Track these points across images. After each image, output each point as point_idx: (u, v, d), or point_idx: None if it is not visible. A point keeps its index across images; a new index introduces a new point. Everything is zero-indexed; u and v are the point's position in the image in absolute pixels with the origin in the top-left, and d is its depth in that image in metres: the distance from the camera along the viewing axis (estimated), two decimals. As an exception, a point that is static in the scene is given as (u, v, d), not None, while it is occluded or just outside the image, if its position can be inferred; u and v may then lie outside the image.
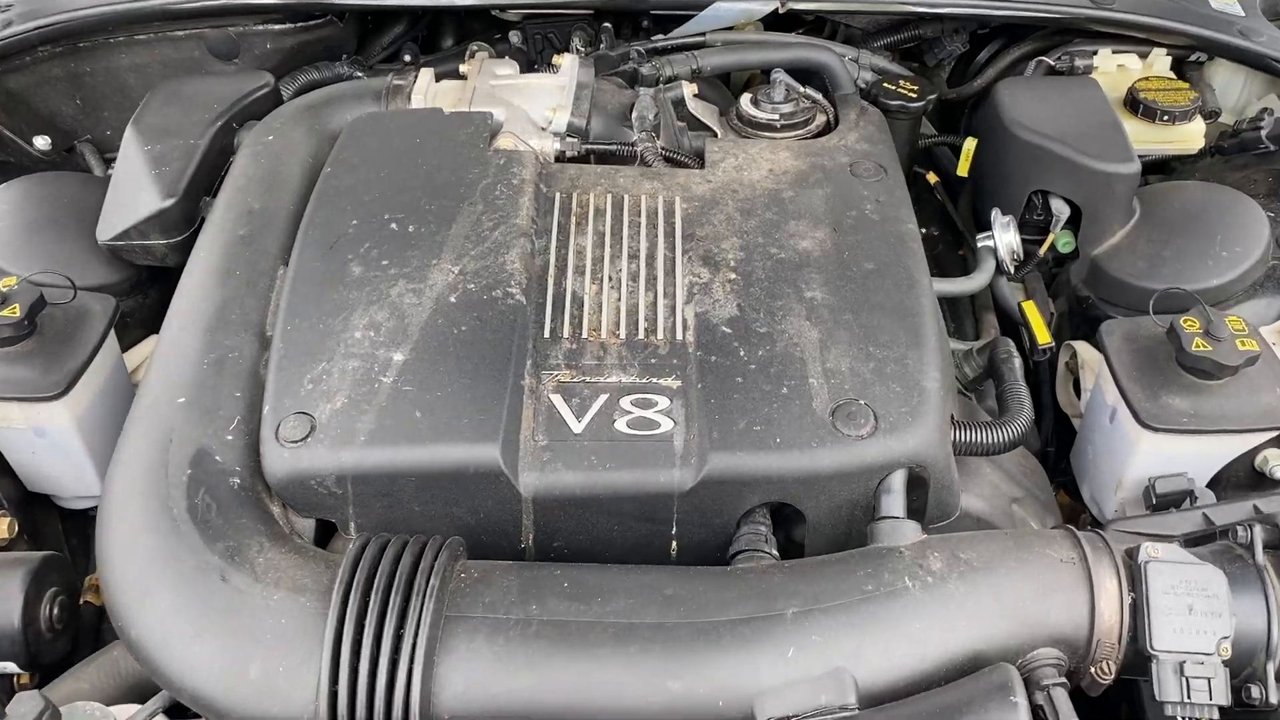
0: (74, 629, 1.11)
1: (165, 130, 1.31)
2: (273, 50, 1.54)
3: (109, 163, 1.46)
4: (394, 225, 1.14)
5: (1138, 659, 0.93)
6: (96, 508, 1.18)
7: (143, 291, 1.32)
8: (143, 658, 0.91)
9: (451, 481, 0.98)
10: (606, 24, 1.62)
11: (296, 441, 0.98)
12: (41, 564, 1.04)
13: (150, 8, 1.44)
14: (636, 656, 0.87)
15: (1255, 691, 0.93)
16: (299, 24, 1.53)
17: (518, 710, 0.86)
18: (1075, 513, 1.34)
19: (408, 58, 1.63)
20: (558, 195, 1.19)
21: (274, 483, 0.98)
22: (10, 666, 1.04)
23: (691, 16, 1.50)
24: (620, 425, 1.00)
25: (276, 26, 1.51)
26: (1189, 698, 0.90)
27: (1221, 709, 0.90)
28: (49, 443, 1.14)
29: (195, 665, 0.88)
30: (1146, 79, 1.49)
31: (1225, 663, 0.91)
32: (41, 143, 1.49)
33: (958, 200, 1.57)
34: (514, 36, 1.64)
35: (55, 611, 1.05)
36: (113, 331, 1.18)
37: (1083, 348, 1.29)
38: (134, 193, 1.24)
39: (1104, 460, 1.20)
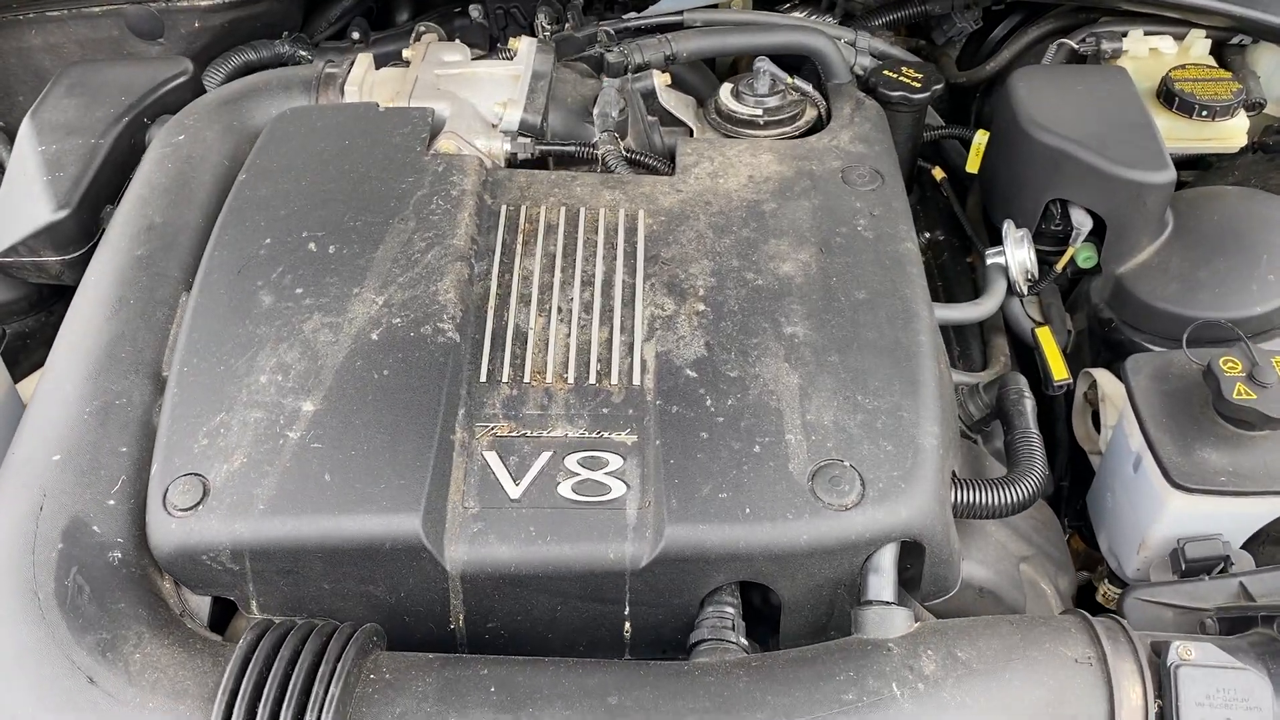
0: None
1: (65, 126, 1.16)
2: (201, 29, 1.37)
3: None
4: (313, 245, 0.99)
5: (1165, 780, 0.79)
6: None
7: (45, 309, 1.18)
8: (-4, 772, 0.78)
9: (366, 557, 0.84)
10: (575, -3, 1.46)
11: (187, 509, 0.84)
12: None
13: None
14: (570, 789, 0.73)
15: (1303, 817, 0.80)
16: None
17: None
18: (1092, 560, 1.20)
19: (356, 35, 1.46)
20: (504, 208, 1.04)
21: (161, 557, 0.85)
22: None
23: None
24: (565, 489, 0.86)
25: (204, 2, 1.35)
26: (1226, 831, 0.77)
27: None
28: (-75, 490, 1.00)
29: (54, 787, 0.75)
30: (1183, 67, 1.31)
31: (1268, 787, 0.78)
32: (-53, 131, 1.35)
33: (966, 198, 1.41)
34: (474, 11, 1.48)
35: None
36: (-1, 360, 1.04)
37: (1104, 378, 1.14)
38: (24, 202, 1.10)
39: (1126, 513, 1.06)
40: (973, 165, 1.35)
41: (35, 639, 0.79)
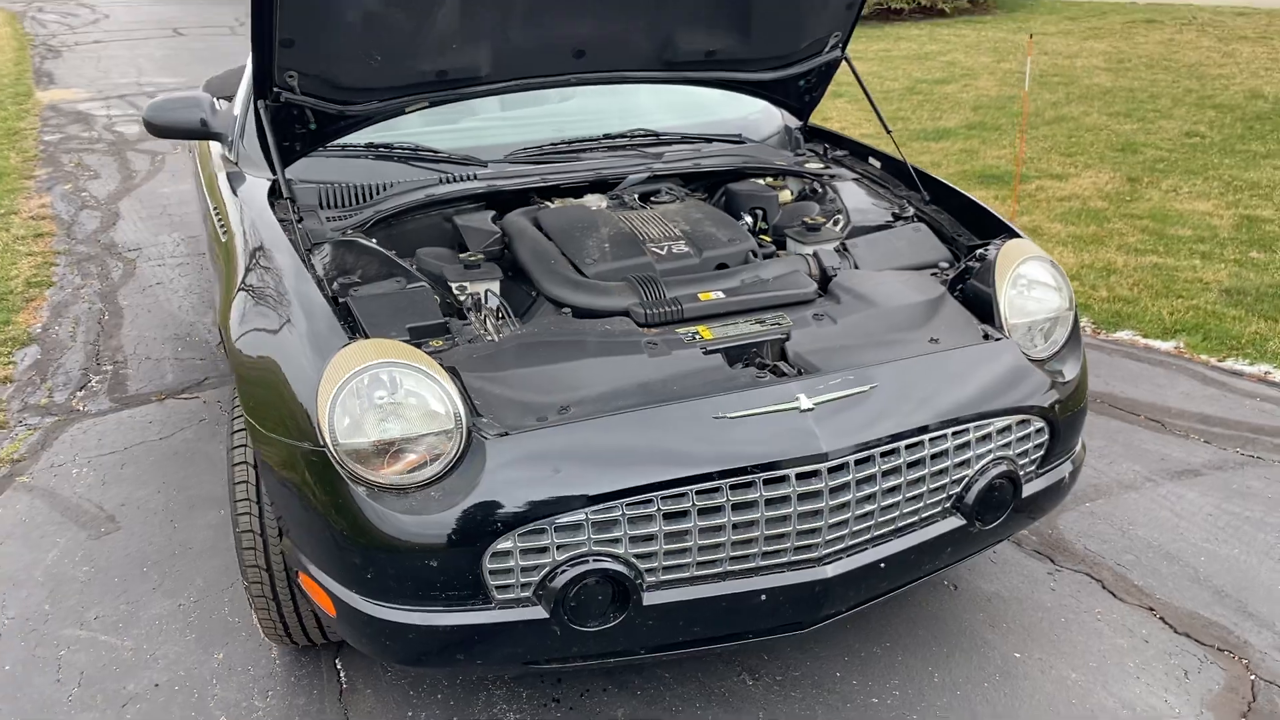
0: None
1: (474, 222, 3.70)
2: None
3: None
4: (577, 232, 3.61)
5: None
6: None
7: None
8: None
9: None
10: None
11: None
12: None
13: (428, 200, 3.81)
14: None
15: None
16: (479, 204, 3.94)
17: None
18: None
19: (511, 213, 4.08)
20: (619, 213, 3.73)
21: None
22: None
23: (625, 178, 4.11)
24: (675, 248, 3.52)
25: (471, 204, 3.92)
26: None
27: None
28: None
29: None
30: (769, 180, 4.32)
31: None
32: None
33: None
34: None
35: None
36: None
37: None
38: (479, 234, 3.62)
39: (798, 269, 3.88)
40: (719, 222, 4.21)
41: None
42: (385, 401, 2.72)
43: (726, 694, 3.37)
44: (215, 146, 5.00)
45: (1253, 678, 3.42)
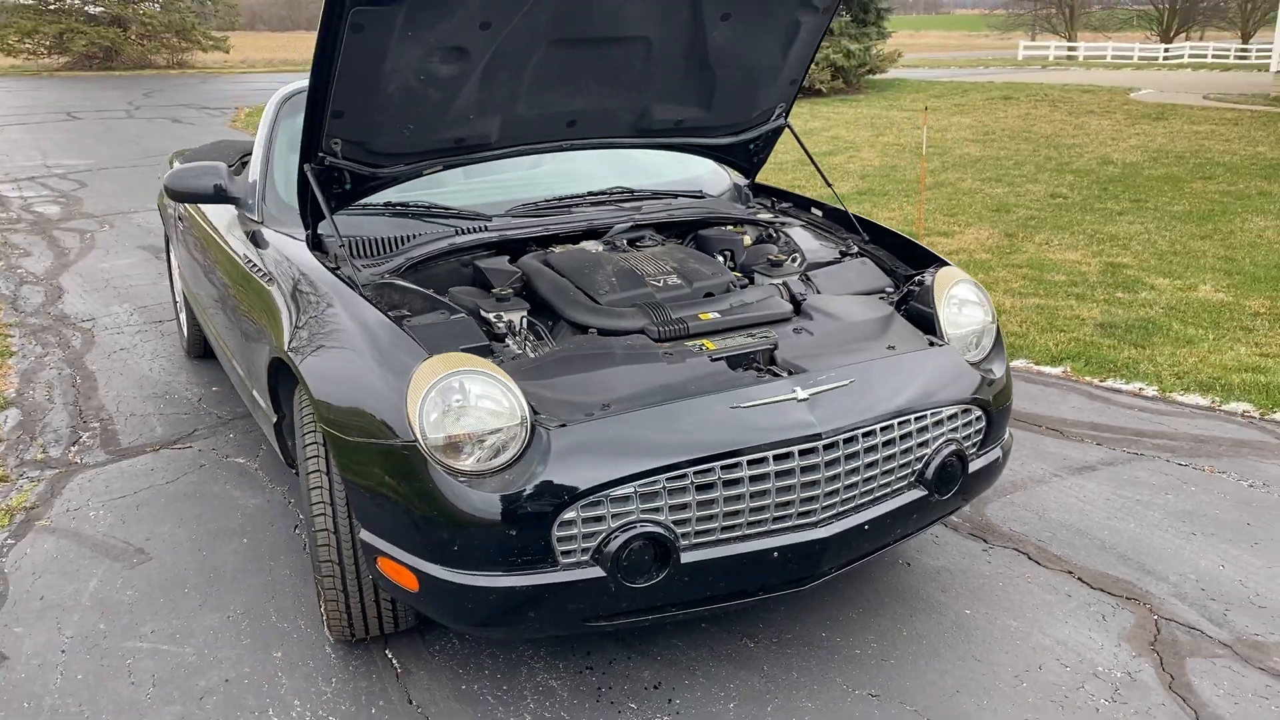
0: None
1: (494, 264, 4.29)
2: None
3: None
4: (586, 270, 4.25)
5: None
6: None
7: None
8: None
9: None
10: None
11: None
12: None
13: (450, 248, 4.39)
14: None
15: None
16: (490, 251, 4.54)
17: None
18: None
19: (516, 259, 4.68)
20: (616, 255, 4.39)
21: None
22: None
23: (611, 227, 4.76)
24: (670, 280, 4.19)
25: (484, 251, 4.51)
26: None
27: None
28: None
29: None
30: (731, 228, 5.03)
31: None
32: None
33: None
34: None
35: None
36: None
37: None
38: (501, 274, 4.21)
39: (766, 299, 4.58)
40: (691, 264, 4.90)
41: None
42: (462, 403, 3.28)
43: (733, 654, 3.96)
44: (214, 211, 5.52)
45: (1156, 617, 4.18)
